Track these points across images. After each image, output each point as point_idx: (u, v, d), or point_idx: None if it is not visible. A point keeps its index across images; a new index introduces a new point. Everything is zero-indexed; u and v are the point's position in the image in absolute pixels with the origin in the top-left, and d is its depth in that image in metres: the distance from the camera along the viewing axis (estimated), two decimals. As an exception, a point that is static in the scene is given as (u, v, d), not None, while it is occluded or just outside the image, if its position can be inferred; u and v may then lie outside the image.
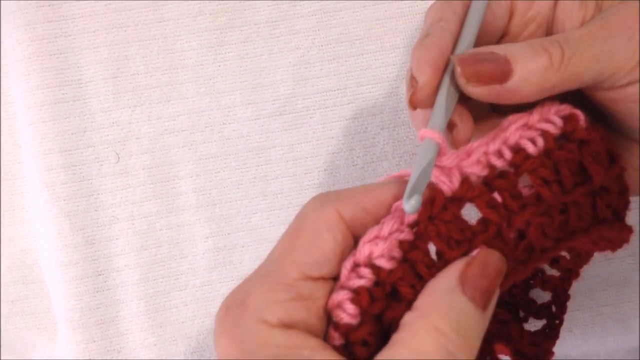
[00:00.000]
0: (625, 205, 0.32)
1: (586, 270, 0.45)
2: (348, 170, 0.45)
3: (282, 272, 0.27)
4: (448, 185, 0.29)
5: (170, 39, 0.46)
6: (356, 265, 0.28)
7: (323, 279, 0.28)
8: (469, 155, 0.30)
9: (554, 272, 0.39)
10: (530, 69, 0.29)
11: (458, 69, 0.30)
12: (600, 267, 0.45)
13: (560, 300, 0.38)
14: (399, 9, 0.46)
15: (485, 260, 0.27)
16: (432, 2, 0.44)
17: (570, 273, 0.38)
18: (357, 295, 0.27)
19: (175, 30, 0.46)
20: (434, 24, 0.32)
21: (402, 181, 0.30)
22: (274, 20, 0.46)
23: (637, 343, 0.45)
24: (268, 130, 0.45)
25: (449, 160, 0.30)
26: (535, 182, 0.29)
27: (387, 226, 0.28)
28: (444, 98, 0.30)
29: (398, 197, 0.29)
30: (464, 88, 0.30)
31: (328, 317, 0.28)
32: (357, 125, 0.45)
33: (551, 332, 0.38)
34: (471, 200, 0.29)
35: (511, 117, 0.31)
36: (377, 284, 0.27)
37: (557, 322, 0.38)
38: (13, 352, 0.45)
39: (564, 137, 0.31)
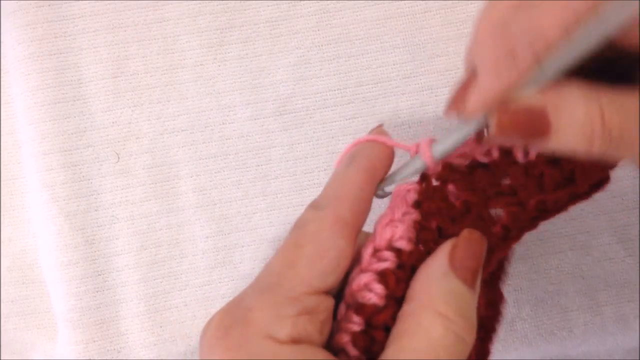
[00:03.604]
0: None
1: (586, 271, 0.45)
2: (348, 170, 0.45)
3: (287, 285, 0.26)
4: (433, 169, 0.30)
5: (170, 39, 0.46)
6: (377, 251, 0.28)
7: (325, 293, 0.27)
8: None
9: None
10: (564, 147, 0.26)
11: (493, 129, 0.26)
12: (600, 267, 0.45)
13: (494, 301, 0.36)
14: (399, 9, 0.46)
15: (470, 240, 0.28)
16: (434, 2, 0.44)
17: (501, 270, 0.36)
18: (383, 277, 0.27)
19: (175, 30, 0.46)
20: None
21: (362, 159, 0.30)
22: (274, 20, 0.46)
23: (637, 343, 0.45)
24: (268, 130, 0.45)
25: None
26: (514, 183, 0.30)
27: (399, 209, 0.29)
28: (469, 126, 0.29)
29: (369, 170, 0.29)
30: (491, 137, 0.27)
31: (327, 330, 0.27)
32: (357, 125, 0.45)
33: (486, 337, 0.37)
34: (453, 182, 0.30)
35: None
36: (399, 266, 0.28)
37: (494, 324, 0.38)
38: (13, 352, 0.45)
39: (555, 161, 0.30)
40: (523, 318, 0.44)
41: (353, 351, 0.27)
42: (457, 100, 0.27)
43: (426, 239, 0.28)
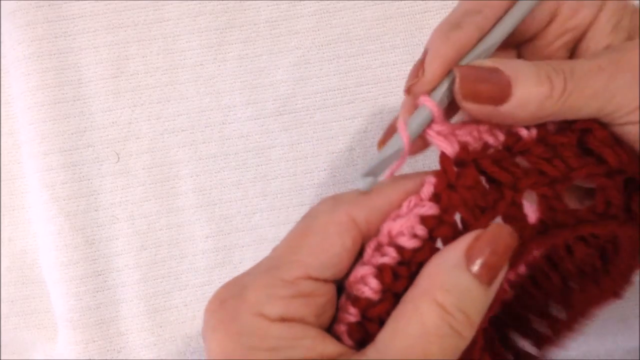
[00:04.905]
0: None
1: (586, 270, 0.45)
2: (348, 170, 0.45)
3: (284, 268, 0.26)
4: (450, 149, 0.29)
5: (170, 39, 0.46)
6: (380, 245, 0.28)
7: (325, 280, 0.27)
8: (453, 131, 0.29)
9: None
10: (528, 96, 0.28)
11: (457, 85, 0.28)
12: (600, 267, 0.45)
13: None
14: (399, 9, 0.46)
15: (496, 235, 0.26)
16: (434, 2, 0.44)
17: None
18: (380, 271, 0.27)
19: (175, 30, 0.46)
20: (469, 14, 0.30)
21: (413, 177, 0.29)
22: (274, 20, 0.46)
23: (637, 343, 0.45)
24: (268, 130, 0.45)
25: (442, 127, 0.29)
26: (531, 159, 0.29)
27: (406, 204, 0.28)
28: (439, 97, 0.29)
29: (410, 193, 0.28)
30: (460, 103, 0.29)
31: (328, 315, 0.28)
32: (357, 125, 0.45)
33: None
34: (479, 163, 0.28)
35: None
36: (401, 263, 0.27)
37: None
38: (13, 352, 0.45)
39: (562, 129, 0.30)
40: (523, 318, 0.44)
41: (348, 341, 0.27)
42: (415, 74, 0.29)
43: (444, 236, 0.27)
